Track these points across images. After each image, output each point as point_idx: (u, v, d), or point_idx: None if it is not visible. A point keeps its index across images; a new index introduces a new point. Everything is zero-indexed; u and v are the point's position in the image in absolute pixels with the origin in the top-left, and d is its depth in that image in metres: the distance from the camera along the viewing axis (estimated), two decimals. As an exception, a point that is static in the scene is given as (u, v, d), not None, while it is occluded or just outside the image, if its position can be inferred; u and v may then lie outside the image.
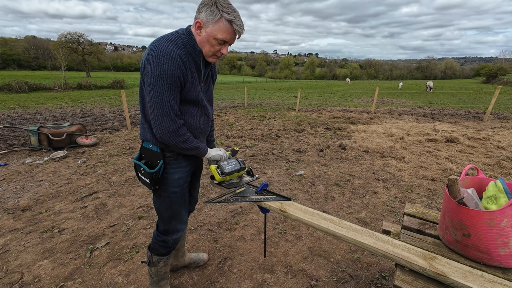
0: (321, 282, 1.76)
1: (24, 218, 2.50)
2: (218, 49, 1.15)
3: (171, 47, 1.07)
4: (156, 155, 1.26)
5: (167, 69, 1.05)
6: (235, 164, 1.43)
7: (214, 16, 1.06)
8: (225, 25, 1.08)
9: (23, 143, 5.07)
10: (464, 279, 0.90)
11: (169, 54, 1.06)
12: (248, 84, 42.12)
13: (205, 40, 1.12)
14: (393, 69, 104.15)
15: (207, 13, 1.07)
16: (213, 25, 1.08)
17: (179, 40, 1.11)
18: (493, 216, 0.93)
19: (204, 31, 1.11)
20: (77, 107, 10.79)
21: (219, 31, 1.08)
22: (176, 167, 1.30)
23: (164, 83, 1.07)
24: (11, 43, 70.36)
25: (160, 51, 1.05)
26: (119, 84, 25.31)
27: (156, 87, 1.07)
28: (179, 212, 1.39)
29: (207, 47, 1.14)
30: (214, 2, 1.05)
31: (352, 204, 2.82)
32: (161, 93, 1.08)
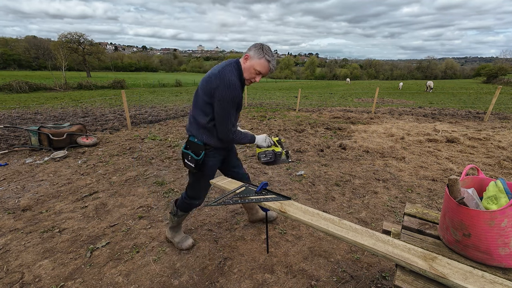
0: (321, 282, 1.76)
1: (24, 218, 2.50)
2: (254, 77, 1.62)
3: (235, 79, 1.56)
4: (199, 147, 1.72)
5: (233, 95, 1.55)
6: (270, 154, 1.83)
7: (259, 55, 1.56)
8: (264, 62, 1.56)
9: (23, 143, 5.08)
10: (465, 280, 0.90)
11: (234, 85, 1.54)
12: (248, 84, 42.10)
13: (247, 69, 1.60)
14: (394, 69, 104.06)
15: (254, 51, 1.57)
16: (256, 60, 1.56)
17: (237, 73, 1.59)
18: (494, 216, 0.93)
19: (249, 62, 1.59)
20: (78, 107, 10.80)
21: (258, 65, 1.57)
22: (212, 156, 1.78)
23: (230, 104, 1.57)
24: (12, 43, 70.44)
25: (229, 82, 1.53)
26: (119, 84, 25.32)
27: (225, 107, 1.56)
28: (205, 187, 1.92)
29: (247, 74, 1.61)
30: (261, 47, 1.57)
31: (352, 204, 2.82)
32: (228, 111, 1.58)
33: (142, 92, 19.81)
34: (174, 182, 3.37)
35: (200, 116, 1.66)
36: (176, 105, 11.61)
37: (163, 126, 6.99)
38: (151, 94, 17.87)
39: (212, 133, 1.69)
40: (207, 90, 1.58)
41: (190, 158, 1.75)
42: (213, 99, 1.57)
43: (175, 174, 3.62)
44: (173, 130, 6.52)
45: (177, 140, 5.47)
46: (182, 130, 6.44)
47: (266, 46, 1.57)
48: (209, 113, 1.63)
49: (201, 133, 1.69)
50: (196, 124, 1.70)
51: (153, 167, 3.88)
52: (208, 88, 1.57)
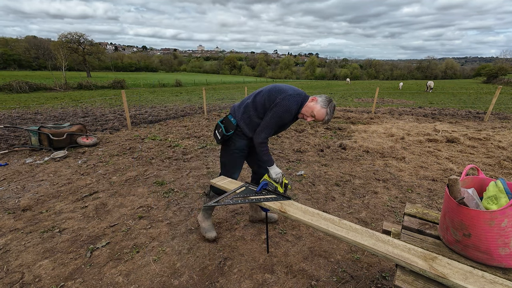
0: (321, 282, 1.76)
1: (24, 218, 2.50)
2: (307, 116, 1.80)
3: (294, 108, 1.77)
4: (231, 126, 1.91)
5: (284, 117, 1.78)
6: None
7: (323, 105, 1.74)
8: (324, 112, 1.75)
9: (23, 143, 5.08)
10: (465, 280, 0.90)
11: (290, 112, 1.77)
12: (249, 84, 42.14)
13: (309, 107, 1.78)
14: (394, 69, 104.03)
15: (322, 100, 1.76)
16: (319, 106, 1.75)
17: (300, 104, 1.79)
18: (494, 216, 0.93)
19: (313, 104, 1.77)
20: (78, 107, 10.80)
21: (318, 111, 1.74)
22: (241, 138, 1.94)
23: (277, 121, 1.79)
24: (12, 43, 70.44)
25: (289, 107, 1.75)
26: (119, 84, 25.35)
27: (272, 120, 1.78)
28: (235, 166, 2.06)
29: (305, 110, 1.80)
30: (329, 101, 1.77)
31: (352, 204, 2.82)
32: (272, 124, 1.80)
33: (142, 92, 19.81)
34: (174, 182, 3.37)
35: (252, 109, 1.87)
36: (176, 105, 11.62)
37: (163, 126, 6.99)
38: (151, 94, 17.88)
39: (249, 122, 1.88)
40: (271, 97, 1.81)
41: (220, 131, 1.95)
42: (270, 109, 1.80)
43: (175, 174, 3.62)
44: (173, 130, 6.52)
45: (177, 140, 5.47)
46: (182, 130, 6.44)
47: (333, 104, 1.79)
48: (260, 111, 1.84)
49: (243, 118, 1.89)
50: (245, 111, 1.90)
51: (153, 167, 3.88)
52: (273, 98, 1.80)
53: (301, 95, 1.81)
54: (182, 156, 4.39)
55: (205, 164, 4.04)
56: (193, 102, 13.16)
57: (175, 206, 2.75)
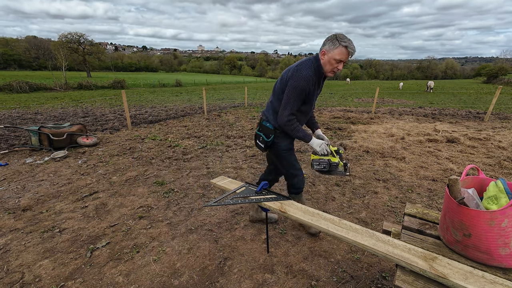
0: (321, 282, 1.76)
1: (24, 218, 2.50)
2: (336, 66, 1.65)
3: (309, 73, 1.67)
4: (269, 131, 1.91)
5: (302, 87, 1.68)
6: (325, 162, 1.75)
7: (334, 46, 1.60)
8: (341, 50, 1.59)
9: (23, 143, 5.08)
10: (465, 280, 0.89)
11: (306, 78, 1.66)
12: (249, 84, 42.16)
13: (327, 62, 1.67)
14: (394, 69, 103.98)
15: (329, 45, 1.63)
16: (332, 52, 1.62)
17: (314, 68, 1.70)
18: (494, 216, 0.93)
19: (326, 56, 1.65)
20: (78, 107, 10.80)
21: (337, 54, 1.60)
22: (283, 138, 1.92)
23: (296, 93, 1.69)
24: (12, 43, 70.45)
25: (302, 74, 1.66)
26: (119, 84, 25.35)
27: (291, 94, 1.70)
28: (292, 163, 1.99)
29: (328, 66, 1.68)
30: (334, 37, 1.61)
31: (352, 204, 2.81)
32: (292, 98, 1.71)
33: (142, 92, 19.82)
34: (174, 182, 3.37)
35: (276, 102, 1.85)
36: (176, 105, 11.62)
37: (163, 126, 6.99)
38: (151, 94, 17.88)
39: None
40: (283, 79, 1.76)
41: (261, 140, 1.96)
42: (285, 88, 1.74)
43: (175, 174, 3.62)
44: (173, 130, 6.52)
45: (177, 140, 5.47)
46: (182, 130, 6.44)
47: (340, 34, 1.61)
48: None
49: (274, 118, 1.87)
50: (272, 109, 1.89)
51: (153, 167, 3.88)
52: (285, 77, 1.75)
53: (310, 59, 1.74)
54: (182, 156, 4.39)
55: (205, 164, 4.04)
56: (193, 102, 13.16)
57: (175, 206, 2.75)
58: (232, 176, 3.55)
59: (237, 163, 4.09)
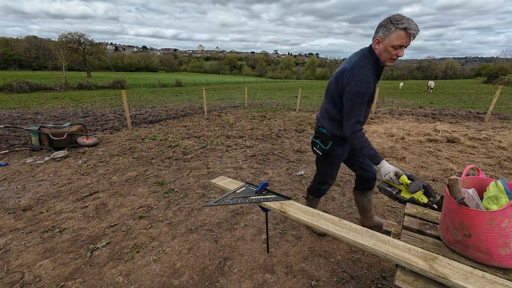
0: (321, 282, 1.76)
1: (25, 218, 2.50)
2: (395, 53, 1.44)
3: (367, 74, 1.48)
4: (327, 138, 1.81)
5: (363, 92, 1.49)
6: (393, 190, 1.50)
7: (389, 31, 1.39)
8: (399, 33, 1.37)
9: (24, 143, 5.08)
10: (465, 280, 0.89)
11: (366, 82, 1.47)
12: (249, 84, 42.17)
13: (383, 51, 1.46)
14: (394, 69, 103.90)
15: (383, 31, 1.42)
16: (388, 38, 1.41)
17: (371, 65, 1.51)
18: (494, 216, 0.93)
19: (381, 45, 1.45)
20: (78, 107, 10.81)
21: (395, 40, 1.39)
22: (340, 146, 1.82)
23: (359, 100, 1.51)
24: (12, 43, 70.49)
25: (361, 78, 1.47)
26: (119, 84, 25.36)
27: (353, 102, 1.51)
28: (332, 173, 1.99)
29: (385, 55, 1.48)
30: (389, 21, 1.39)
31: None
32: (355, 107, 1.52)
33: (142, 92, 19.82)
34: (174, 182, 3.37)
35: (330, 107, 1.72)
36: (177, 105, 11.62)
37: (163, 126, 6.99)
38: (151, 94, 17.88)
39: (340, 124, 1.70)
40: (338, 83, 1.59)
41: (318, 147, 1.88)
42: (343, 93, 1.56)
43: (175, 174, 3.62)
44: (173, 130, 6.52)
45: (177, 140, 5.47)
46: (182, 130, 6.44)
47: (395, 16, 1.38)
48: (339, 106, 1.65)
49: (330, 124, 1.76)
50: (327, 115, 1.77)
51: (153, 167, 3.88)
52: (340, 81, 1.58)
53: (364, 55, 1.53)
54: (182, 156, 4.39)
55: (205, 164, 4.04)
56: (193, 102, 13.16)
57: (175, 206, 2.75)
58: (232, 176, 3.55)
59: (237, 163, 4.09)
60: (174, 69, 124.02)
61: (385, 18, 1.41)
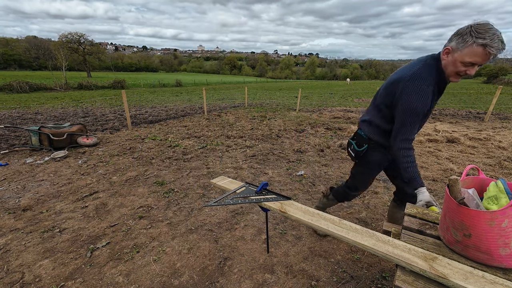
0: (321, 282, 1.76)
1: (25, 218, 2.50)
2: (463, 70, 1.23)
3: (426, 89, 1.29)
4: (363, 140, 1.72)
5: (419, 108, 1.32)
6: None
7: (465, 43, 1.16)
8: (475, 49, 1.13)
9: (24, 143, 5.08)
10: (465, 280, 0.89)
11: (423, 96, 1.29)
12: (249, 84, 42.16)
13: (451, 63, 1.26)
14: (394, 69, 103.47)
15: (458, 41, 1.19)
16: (461, 51, 1.18)
17: (432, 77, 1.31)
18: (494, 216, 0.93)
19: (451, 56, 1.24)
20: (78, 107, 10.81)
21: (468, 55, 1.17)
22: (377, 151, 1.69)
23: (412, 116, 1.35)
24: (12, 43, 70.50)
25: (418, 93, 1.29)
26: (119, 84, 25.36)
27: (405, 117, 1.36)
28: (366, 181, 1.89)
29: (451, 68, 1.27)
30: (469, 31, 1.14)
31: (352, 204, 2.81)
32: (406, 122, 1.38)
33: (143, 92, 19.82)
34: (174, 182, 3.37)
35: (375, 112, 1.61)
36: (177, 105, 11.62)
37: (163, 126, 6.99)
38: (151, 94, 17.88)
39: (380, 130, 1.60)
40: (390, 91, 1.44)
41: (352, 148, 1.81)
42: (396, 105, 1.40)
43: (175, 174, 3.62)
44: (173, 130, 6.52)
45: (177, 140, 5.47)
46: (182, 130, 6.44)
47: (476, 26, 1.13)
48: (385, 113, 1.53)
49: (369, 128, 1.66)
50: (368, 118, 1.68)
51: (153, 167, 3.88)
52: (393, 91, 1.41)
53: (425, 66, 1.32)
54: (182, 156, 4.39)
55: (205, 164, 4.04)
56: (193, 102, 13.16)
57: (175, 206, 2.75)
58: (232, 176, 3.55)
59: (237, 163, 4.09)
60: (174, 69, 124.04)
61: (466, 25, 1.16)
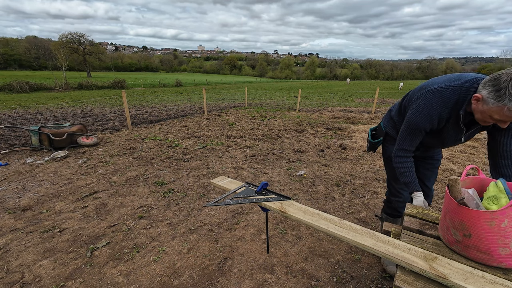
0: (321, 282, 1.76)
1: (25, 218, 2.50)
2: (490, 122, 1.13)
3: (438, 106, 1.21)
4: (380, 133, 1.78)
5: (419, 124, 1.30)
6: None
7: (498, 101, 1.02)
8: (506, 112, 1.02)
9: (24, 143, 5.08)
10: (465, 280, 0.89)
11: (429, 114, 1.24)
12: (249, 84, 42.16)
13: (479, 112, 1.12)
14: (394, 69, 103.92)
15: (491, 94, 1.04)
16: (491, 106, 1.05)
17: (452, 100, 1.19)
18: (494, 216, 0.92)
19: (480, 105, 1.10)
20: (78, 107, 10.81)
21: (496, 113, 1.05)
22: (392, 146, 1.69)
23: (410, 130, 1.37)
24: (13, 43, 70.55)
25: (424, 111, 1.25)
26: (119, 84, 25.37)
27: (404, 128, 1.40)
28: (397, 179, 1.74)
29: (478, 116, 1.15)
30: (506, 85, 0.98)
31: (352, 204, 2.81)
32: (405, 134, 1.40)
33: (143, 92, 19.82)
34: (174, 182, 3.37)
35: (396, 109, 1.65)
36: (177, 105, 11.62)
37: (163, 126, 7.00)
38: (151, 94, 17.89)
39: (397, 128, 1.62)
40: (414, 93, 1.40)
41: (368, 137, 1.90)
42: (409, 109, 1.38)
43: (175, 174, 3.62)
44: (173, 130, 6.52)
45: (177, 140, 5.47)
46: (182, 130, 6.44)
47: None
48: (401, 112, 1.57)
49: (388, 122, 1.72)
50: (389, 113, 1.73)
51: (153, 167, 3.88)
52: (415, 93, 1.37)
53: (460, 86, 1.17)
54: (182, 156, 4.40)
55: (205, 164, 4.04)
56: (193, 102, 13.17)
57: (175, 206, 2.75)
58: (232, 176, 3.55)
59: (237, 163, 4.09)
60: (174, 69, 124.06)
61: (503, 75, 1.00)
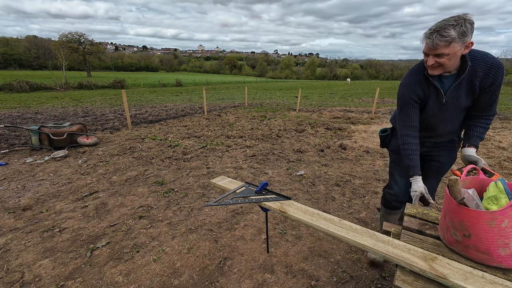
0: (321, 282, 1.76)
1: (24, 218, 2.50)
2: (425, 60, 1.37)
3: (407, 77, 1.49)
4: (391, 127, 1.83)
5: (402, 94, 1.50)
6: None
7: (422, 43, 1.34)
8: (423, 42, 1.32)
9: (24, 143, 5.08)
10: (465, 280, 0.89)
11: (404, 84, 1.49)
12: (249, 84, 42.14)
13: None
14: (394, 69, 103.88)
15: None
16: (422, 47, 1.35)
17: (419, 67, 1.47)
18: (494, 216, 0.93)
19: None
20: (78, 106, 10.81)
21: (423, 48, 1.34)
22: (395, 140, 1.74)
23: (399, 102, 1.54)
24: (13, 43, 70.55)
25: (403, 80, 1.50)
26: (119, 84, 25.37)
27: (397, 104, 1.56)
28: (393, 174, 1.82)
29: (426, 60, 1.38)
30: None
31: (352, 204, 2.81)
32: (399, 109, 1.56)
33: (143, 92, 19.82)
34: (174, 182, 3.37)
35: None
36: (177, 105, 11.62)
37: (163, 126, 6.99)
38: (151, 94, 17.88)
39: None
40: None
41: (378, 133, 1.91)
42: None
43: (175, 174, 3.62)
44: (173, 130, 6.52)
45: (177, 140, 5.47)
46: (182, 130, 6.44)
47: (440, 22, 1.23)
48: None
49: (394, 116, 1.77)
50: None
51: (153, 167, 3.88)
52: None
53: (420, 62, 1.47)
54: (182, 156, 4.40)
55: (205, 164, 4.04)
56: (194, 102, 13.16)
57: (175, 206, 2.75)
58: (232, 176, 3.55)
59: (237, 163, 4.09)
60: (174, 69, 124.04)
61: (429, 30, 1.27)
